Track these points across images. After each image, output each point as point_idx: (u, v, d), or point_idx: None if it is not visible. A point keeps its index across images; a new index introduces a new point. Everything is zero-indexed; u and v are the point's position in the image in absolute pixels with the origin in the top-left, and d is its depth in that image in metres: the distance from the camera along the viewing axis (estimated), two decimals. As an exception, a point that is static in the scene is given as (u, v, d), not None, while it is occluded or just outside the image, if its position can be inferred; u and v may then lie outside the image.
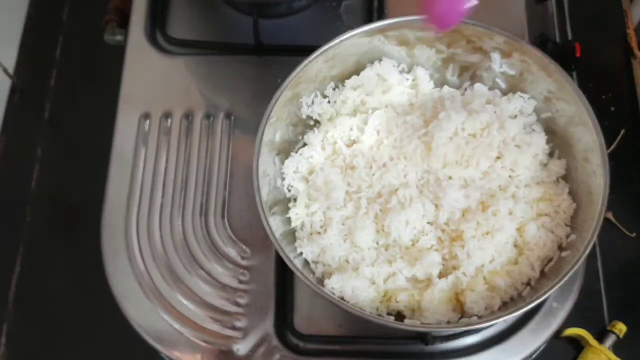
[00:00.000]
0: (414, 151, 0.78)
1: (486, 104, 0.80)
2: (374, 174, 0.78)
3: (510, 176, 0.78)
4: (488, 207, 0.75)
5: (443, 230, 0.76)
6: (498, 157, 0.78)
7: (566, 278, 0.67)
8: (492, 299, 0.72)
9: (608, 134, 0.72)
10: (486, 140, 0.77)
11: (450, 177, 0.77)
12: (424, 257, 0.74)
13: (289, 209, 0.79)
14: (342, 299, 0.73)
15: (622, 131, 0.98)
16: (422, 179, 0.78)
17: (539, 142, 0.79)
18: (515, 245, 0.76)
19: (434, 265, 0.74)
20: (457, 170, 0.77)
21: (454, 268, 0.74)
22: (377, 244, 0.76)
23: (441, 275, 0.75)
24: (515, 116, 0.80)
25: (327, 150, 0.82)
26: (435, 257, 0.74)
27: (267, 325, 0.80)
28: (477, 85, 0.83)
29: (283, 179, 0.80)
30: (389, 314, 0.75)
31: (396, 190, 0.76)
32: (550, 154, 0.81)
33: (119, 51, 0.93)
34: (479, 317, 0.72)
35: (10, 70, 1.07)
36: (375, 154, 0.79)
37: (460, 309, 0.74)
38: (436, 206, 0.76)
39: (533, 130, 0.81)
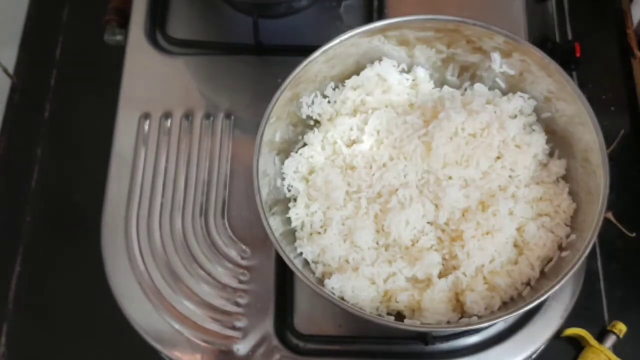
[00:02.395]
0: (414, 151, 0.78)
1: (486, 104, 0.80)
2: (374, 174, 0.78)
3: (510, 176, 0.78)
4: (488, 207, 0.75)
5: (443, 230, 0.76)
6: (498, 157, 0.78)
7: (566, 278, 0.67)
8: (492, 299, 0.72)
9: (608, 134, 0.72)
10: (486, 140, 0.77)
11: (450, 177, 0.77)
12: (424, 257, 0.73)
13: (289, 209, 0.79)
14: (342, 299, 0.73)
15: (622, 131, 0.98)
16: (422, 179, 0.77)
17: (539, 142, 0.79)
18: (515, 245, 0.76)
19: (434, 265, 0.74)
20: (457, 170, 0.77)
21: (454, 268, 0.74)
22: (377, 244, 0.76)
23: (441, 275, 0.75)
24: (515, 116, 0.80)
25: (327, 150, 0.81)
26: (435, 257, 0.74)
27: (267, 325, 0.80)
28: (477, 85, 0.83)
29: (283, 179, 0.80)
30: (389, 314, 0.75)
31: (396, 190, 0.76)
32: (550, 154, 0.81)
33: (119, 51, 0.93)
34: (479, 317, 0.72)
35: (10, 70, 1.07)
36: (375, 154, 0.79)
37: (460, 309, 0.74)
38: (436, 206, 0.76)
39: (533, 130, 0.81)
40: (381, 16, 0.94)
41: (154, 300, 0.80)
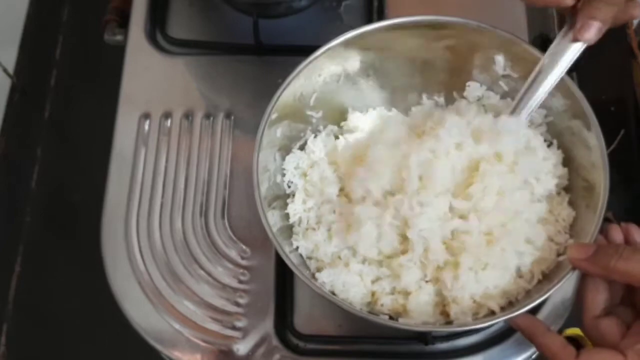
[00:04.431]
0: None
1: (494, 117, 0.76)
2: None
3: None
4: (493, 241, 0.71)
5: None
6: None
7: (564, 280, 0.66)
8: (479, 308, 0.70)
9: (608, 134, 0.72)
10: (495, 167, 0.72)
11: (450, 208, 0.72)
12: (402, 275, 0.71)
13: (288, 205, 0.79)
14: (333, 293, 0.72)
15: (622, 131, 0.98)
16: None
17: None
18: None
19: (414, 284, 0.71)
20: (457, 200, 0.72)
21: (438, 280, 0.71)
22: None
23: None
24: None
25: (328, 147, 0.81)
26: (415, 275, 0.71)
27: (267, 325, 0.80)
28: (479, 89, 0.81)
29: (283, 175, 0.80)
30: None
31: None
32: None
33: (119, 51, 0.93)
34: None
35: (10, 70, 1.07)
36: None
37: (447, 313, 0.72)
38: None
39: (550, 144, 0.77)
40: (381, 16, 0.94)
41: (154, 300, 0.80)
